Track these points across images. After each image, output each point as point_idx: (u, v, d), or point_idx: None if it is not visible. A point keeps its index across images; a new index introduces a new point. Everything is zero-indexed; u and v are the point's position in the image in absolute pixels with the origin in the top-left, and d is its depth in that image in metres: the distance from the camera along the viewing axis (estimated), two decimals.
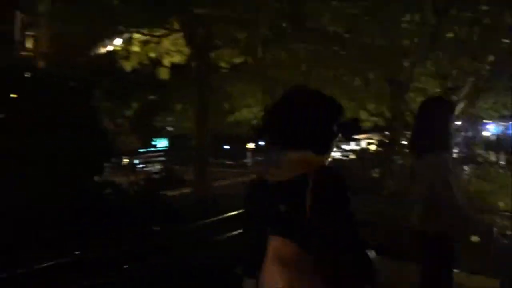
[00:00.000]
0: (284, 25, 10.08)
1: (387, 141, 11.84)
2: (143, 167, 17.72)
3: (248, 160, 22.67)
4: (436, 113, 2.44)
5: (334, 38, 9.57)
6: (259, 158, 22.65)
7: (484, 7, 8.74)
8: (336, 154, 17.81)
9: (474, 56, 9.61)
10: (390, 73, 8.82)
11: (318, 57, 10.25)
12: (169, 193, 9.73)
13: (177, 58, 10.69)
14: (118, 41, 9.11)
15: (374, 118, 14.04)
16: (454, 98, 10.85)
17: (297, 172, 1.31)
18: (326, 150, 1.46)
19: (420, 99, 11.30)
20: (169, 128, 21.47)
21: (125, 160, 17.99)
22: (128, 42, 9.94)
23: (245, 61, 10.69)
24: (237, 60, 10.78)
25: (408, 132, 10.88)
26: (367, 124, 15.11)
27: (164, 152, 22.26)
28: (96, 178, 6.88)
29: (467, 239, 2.79)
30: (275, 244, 1.32)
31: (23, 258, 4.63)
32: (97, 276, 4.48)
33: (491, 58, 9.84)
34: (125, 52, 10.20)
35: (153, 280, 4.43)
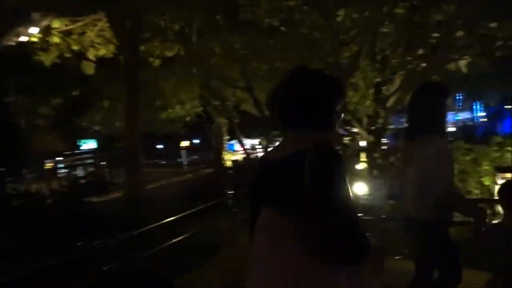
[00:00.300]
0: (218, 17, 9.68)
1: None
2: (68, 171, 16.35)
3: (183, 159, 21.96)
4: (430, 97, 2.44)
5: (270, 31, 9.32)
6: (195, 157, 22.18)
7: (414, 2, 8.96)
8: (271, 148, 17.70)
9: (406, 50, 9.86)
10: (329, 67, 8.72)
11: (253, 50, 9.96)
12: (98, 199, 8.94)
13: (103, 51, 9.87)
14: (34, 30, 8.10)
15: None
16: (385, 93, 11.14)
17: (297, 148, 1.33)
18: (327, 129, 1.45)
19: (352, 93, 11.46)
20: (97, 128, 20.17)
21: (48, 165, 16.55)
22: (46, 32, 8.96)
23: (178, 54, 10.12)
24: (169, 53, 10.19)
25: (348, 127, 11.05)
26: None
27: (92, 154, 20.87)
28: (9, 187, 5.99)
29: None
30: (264, 215, 1.35)
31: None
32: None
33: (420, 52, 10.14)
34: (44, 44, 9.21)
35: None
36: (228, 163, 17.30)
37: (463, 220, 3.58)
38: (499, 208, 3.54)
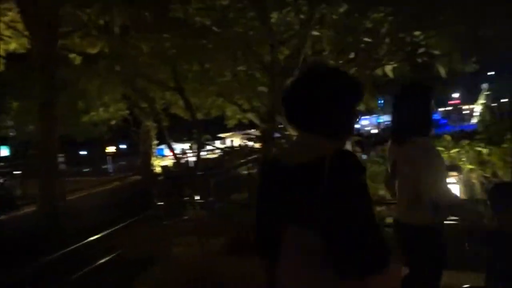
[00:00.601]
0: (146, 14, 9.07)
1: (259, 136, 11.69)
2: None
3: (109, 166, 20.72)
4: (415, 98, 2.41)
5: (202, 31, 8.92)
6: (122, 163, 21.05)
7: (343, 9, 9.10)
8: (202, 153, 17.36)
9: (337, 54, 10.00)
10: (266, 67, 8.52)
11: (184, 50, 9.48)
12: (5, 216, 7.84)
13: (14, 45, 8.82)
14: None
15: (239, 116, 13.91)
16: None
17: (313, 156, 1.25)
18: (345, 134, 1.39)
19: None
20: (11, 133, 18.42)
21: None
22: None
23: (102, 52, 9.30)
24: (92, 50, 9.34)
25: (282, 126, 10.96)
26: (232, 122, 14.92)
27: (3, 162, 18.90)
28: None
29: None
30: (296, 235, 1.27)
31: None
32: None
33: (351, 55, 10.35)
34: None
35: None
36: (158, 169, 16.69)
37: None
38: None
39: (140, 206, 7.36)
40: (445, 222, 2.43)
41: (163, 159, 19.63)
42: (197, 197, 9.38)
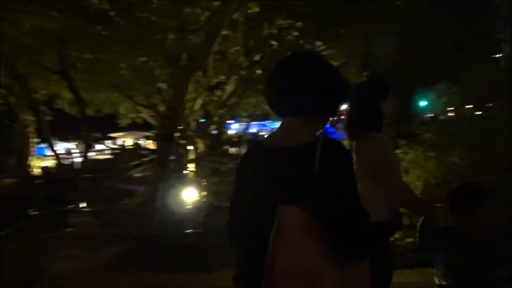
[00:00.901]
0: None
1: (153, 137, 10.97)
2: None
3: None
4: (371, 94, 2.40)
5: (96, 15, 7.97)
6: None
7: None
8: (91, 153, 16.05)
9: (244, 55, 9.97)
10: (170, 59, 7.91)
11: (74, 35, 8.41)
12: None
13: None
14: None
15: (133, 115, 13.14)
16: (219, 97, 10.97)
17: (300, 140, 1.33)
18: (327, 119, 1.46)
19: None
20: None
21: None
22: None
23: None
24: None
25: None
26: (125, 121, 13.99)
27: None
28: None
29: None
30: (291, 214, 1.27)
31: None
32: None
33: (256, 57, 10.35)
34: None
35: None
36: (37, 171, 15.03)
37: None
38: None
39: (12, 215, 6.20)
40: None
41: (44, 159, 17.80)
42: (83, 204, 8.46)
